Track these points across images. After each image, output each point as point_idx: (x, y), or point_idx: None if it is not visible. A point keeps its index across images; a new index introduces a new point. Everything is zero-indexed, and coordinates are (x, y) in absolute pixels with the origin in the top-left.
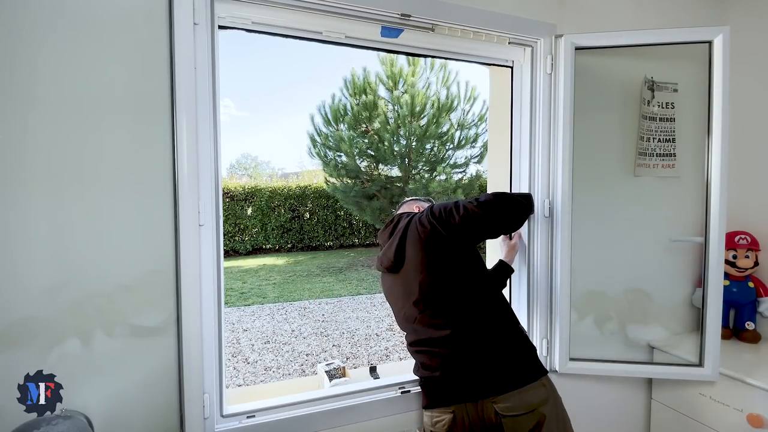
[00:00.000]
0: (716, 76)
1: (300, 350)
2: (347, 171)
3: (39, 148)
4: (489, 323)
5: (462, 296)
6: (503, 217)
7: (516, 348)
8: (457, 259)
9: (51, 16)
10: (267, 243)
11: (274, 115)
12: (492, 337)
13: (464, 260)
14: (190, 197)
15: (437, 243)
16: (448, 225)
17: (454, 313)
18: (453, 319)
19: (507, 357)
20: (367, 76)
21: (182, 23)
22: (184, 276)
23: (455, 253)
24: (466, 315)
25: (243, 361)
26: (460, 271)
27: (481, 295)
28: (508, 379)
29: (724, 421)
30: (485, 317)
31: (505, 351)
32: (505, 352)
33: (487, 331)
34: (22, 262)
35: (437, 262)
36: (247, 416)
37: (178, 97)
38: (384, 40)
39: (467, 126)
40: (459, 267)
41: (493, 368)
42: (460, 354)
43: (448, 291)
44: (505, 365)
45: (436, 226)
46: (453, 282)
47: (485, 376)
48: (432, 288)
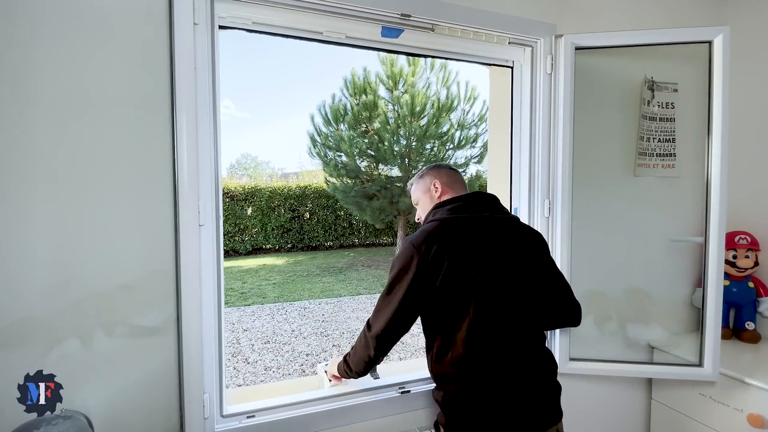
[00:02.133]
0: (716, 76)
1: (300, 350)
2: (347, 171)
3: (39, 148)
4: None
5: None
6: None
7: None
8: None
9: (51, 16)
10: (267, 243)
11: (274, 115)
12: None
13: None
14: (190, 197)
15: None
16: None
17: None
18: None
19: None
20: (367, 76)
21: (182, 23)
22: (184, 276)
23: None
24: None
25: (243, 361)
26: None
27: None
28: (537, 420)
29: (724, 421)
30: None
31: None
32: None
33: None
34: (22, 261)
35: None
36: (247, 416)
37: (178, 97)
38: (384, 40)
39: (467, 126)
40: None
41: (528, 406)
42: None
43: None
44: (539, 404)
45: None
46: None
47: (517, 414)
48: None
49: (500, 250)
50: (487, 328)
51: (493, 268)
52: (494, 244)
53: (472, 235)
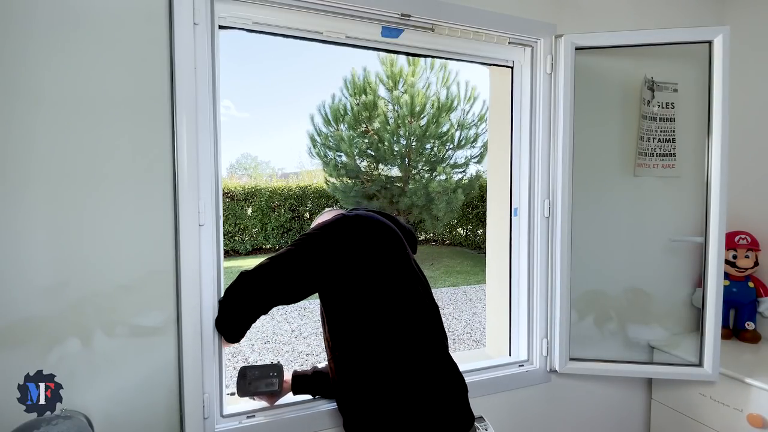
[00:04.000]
0: (716, 76)
1: (300, 350)
2: (347, 171)
3: (39, 148)
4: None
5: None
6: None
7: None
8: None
9: (51, 16)
10: (267, 243)
11: (274, 115)
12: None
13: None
14: (190, 197)
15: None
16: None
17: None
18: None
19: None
20: (367, 76)
21: (182, 23)
22: (184, 276)
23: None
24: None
25: (243, 361)
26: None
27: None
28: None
29: (724, 421)
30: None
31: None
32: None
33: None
34: (23, 261)
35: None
36: (247, 416)
37: (178, 98)
38: (384, 40)
39: (467, 126)
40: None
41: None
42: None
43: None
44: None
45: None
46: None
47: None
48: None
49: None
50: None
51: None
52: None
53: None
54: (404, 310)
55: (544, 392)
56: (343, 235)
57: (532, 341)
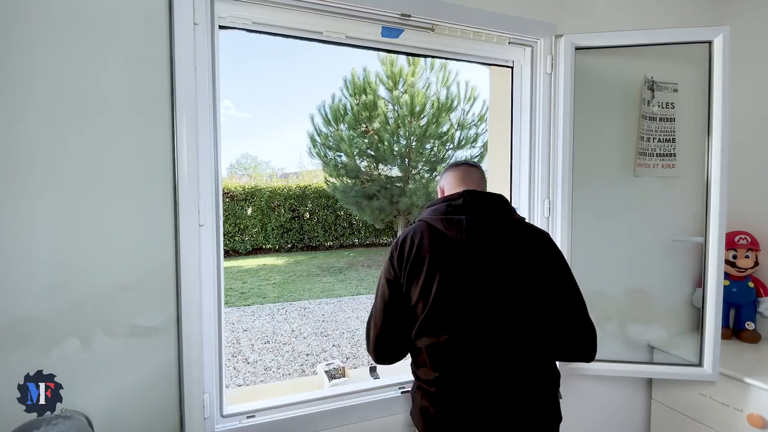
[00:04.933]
0: (716, 76)
1: (300, 350)
2: (347, 171)
3: (39, 148)
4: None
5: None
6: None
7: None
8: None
9: (51, 16)
10: (267, 243)
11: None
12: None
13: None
14: (190, 197)
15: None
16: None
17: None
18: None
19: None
20: (367, 76)
21: (182, 23)
22: (184, 276)
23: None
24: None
25: (243, 361)
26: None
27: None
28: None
29: (724, 421)
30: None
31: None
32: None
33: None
34: (23, 262)
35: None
36: (247, 416)
37: (178, 97)
38: (384, 40)
39: (467, 126)
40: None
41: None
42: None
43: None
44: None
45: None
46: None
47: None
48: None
49: (479, 255)
50: (454, 341)
51: (465, 273)
52: (473, 247)
53: (446, 236)
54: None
55: None
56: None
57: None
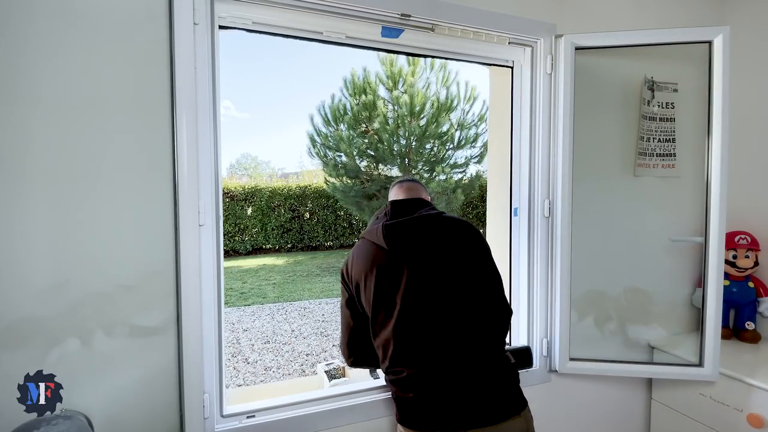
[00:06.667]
0: (716, 76)
1: (300, 350)
2: (347, 171)
3: (39, 148)
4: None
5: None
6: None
7: (501, 375)
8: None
9: (51, 17)
10: (267, 243)
11: (274, 115)
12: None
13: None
14: (190, 197)
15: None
16: None
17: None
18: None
19: (491, 386)
20: (367, 76)
21: (182, 23)
22: (184, 276)
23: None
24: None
25: (243, 361)
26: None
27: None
28: (490, 411)
29: (724, 421)
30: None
31: (490, 378)
32: (490, 380)
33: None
34: (22, 262)
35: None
36: (247, 416)
37: (178, 97)
38: (384, 40)
39: (467, 126)
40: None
41: (475, 398)
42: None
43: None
44: (489, 395)
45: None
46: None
47: (465, 406)
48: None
49: (401, 255)
50: (410, 329)
51: (394, 275)
52: (394, 249)
53: (376, 245)
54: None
55: (545, 392)
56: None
57: (533, 341)
